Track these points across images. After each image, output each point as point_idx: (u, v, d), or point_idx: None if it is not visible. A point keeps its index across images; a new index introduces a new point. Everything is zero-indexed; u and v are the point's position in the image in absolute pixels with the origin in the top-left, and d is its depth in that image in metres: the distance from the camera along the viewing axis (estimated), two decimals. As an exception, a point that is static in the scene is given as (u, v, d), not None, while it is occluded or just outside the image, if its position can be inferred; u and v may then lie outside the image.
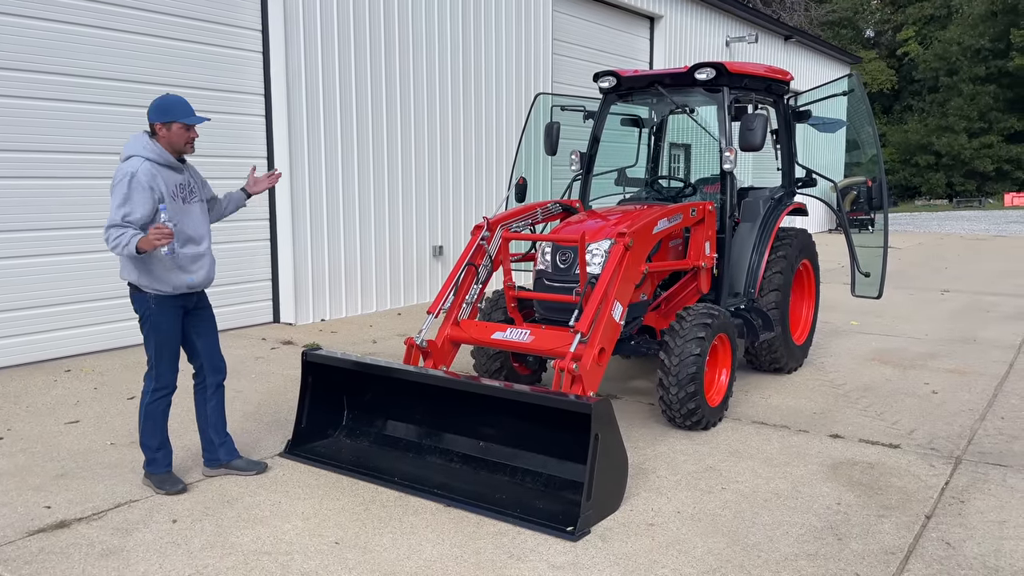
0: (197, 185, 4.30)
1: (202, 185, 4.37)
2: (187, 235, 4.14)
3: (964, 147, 42.23)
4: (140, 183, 3.92)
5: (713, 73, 5.89)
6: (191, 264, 4.17)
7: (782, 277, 6.30)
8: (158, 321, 4.12)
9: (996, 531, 3.80)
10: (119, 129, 7.31)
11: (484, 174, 11.31)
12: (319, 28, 8.73)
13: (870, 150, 7.16)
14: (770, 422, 5.44)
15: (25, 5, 6.68)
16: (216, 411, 4.43)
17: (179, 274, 4.12)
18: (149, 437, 4.23)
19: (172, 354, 4.22)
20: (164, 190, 4.01)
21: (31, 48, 6.74)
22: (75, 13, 6.99)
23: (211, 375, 4.40)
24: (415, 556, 3.52)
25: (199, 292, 4.32)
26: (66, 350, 7.15)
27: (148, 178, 3.95)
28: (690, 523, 3.86)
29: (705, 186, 6.65)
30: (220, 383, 4.44)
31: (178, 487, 4.21)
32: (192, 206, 4.21)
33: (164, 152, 4.06)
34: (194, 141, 4.17)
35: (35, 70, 6.79)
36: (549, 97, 8.17)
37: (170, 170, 4.09)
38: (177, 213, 4.08)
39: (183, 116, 4.06)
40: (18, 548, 3.58)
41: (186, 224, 4.14)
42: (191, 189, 4.22)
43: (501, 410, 4.32)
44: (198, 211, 4.25)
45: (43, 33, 6.80)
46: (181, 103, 4.11)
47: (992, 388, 6.31)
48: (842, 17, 46.88)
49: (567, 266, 5.22)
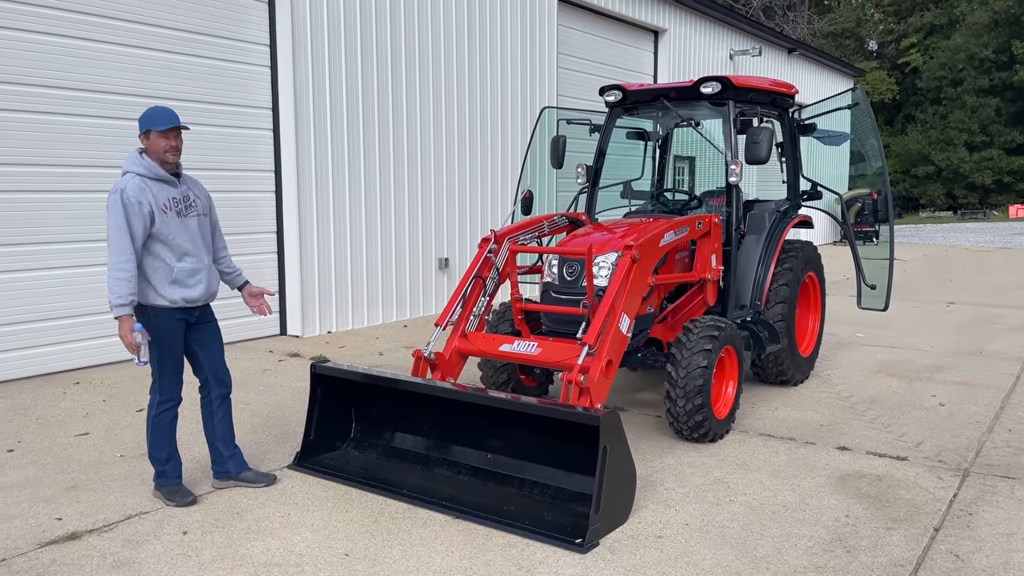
0: (199, 199, 4.26)
1: (206, 201, 4.33)
2: (183, 249, 4.12)
3: (964, 161, 42.22)
4: (129, 200, 3.92)
5: (719, 87, 5.93)
6: (188, 278, 4.14)
7: (788, 289, 6.31)
8: (159, 335, 4.09)
9: (1005, 543, 3.80)
10: (130, 143, 7.35)
11: (490, 187, 11.36)
12: (326, 43, 8.81)
13: (875, 163, 7.18)
14: (777, 434, 5.44)
15: (38, 21, 6.76)
16: (223, 423, 4.42)
17: (176, 288, 4.10)
18: (157, 449, 4.24)
19: (174, 366, 4.20)
20: (154, 204, 3.99)
21: (44, 63, 6.82)
22: (87, 29, 7.07)
23: (216, 388, 4.39)
24: (424, 568, 3.53)
25: (202, 306, 4.30)
26: (75, 363, 7.18)
27: (136, 193, 3.95)
28: (698, 535, 3.87)
29: (711, 199, 6.67)
30: (225, 395, 4.42)
31: (188, 499, 4.22)
32: (189, 220, 4.16)
33: (154, 166, 4.05)
34: (177, 150, 4.08)
35: (49, 85, 6.87)
36: (555, 111, 8.22)
37: (162, 183, 4.07)
38: (170, 227, 4.06)
39: (155, 124, 4.02)
40: (30, 560, 3.60)
41: (183, 238, 4.11)
42: (189, 203, 4.18)
43: (509, 422, 4.33)
44: (196, 225, 4.20)
45: (55, 48, 6.88)
46: (157, 112, 4.08)
47: (999, 400, 6.30)
48: (844, 29, 47.01)
49: (574, 278, 5.24)
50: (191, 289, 4.15)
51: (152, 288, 4.06)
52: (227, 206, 8.18)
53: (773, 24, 38.54)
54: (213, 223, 4.40)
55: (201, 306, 4.28)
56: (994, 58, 42.42)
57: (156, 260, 4.06)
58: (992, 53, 42.37)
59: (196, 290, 4.18)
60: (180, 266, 4.09)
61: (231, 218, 8.24)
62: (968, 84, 42.70)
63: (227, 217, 8.13)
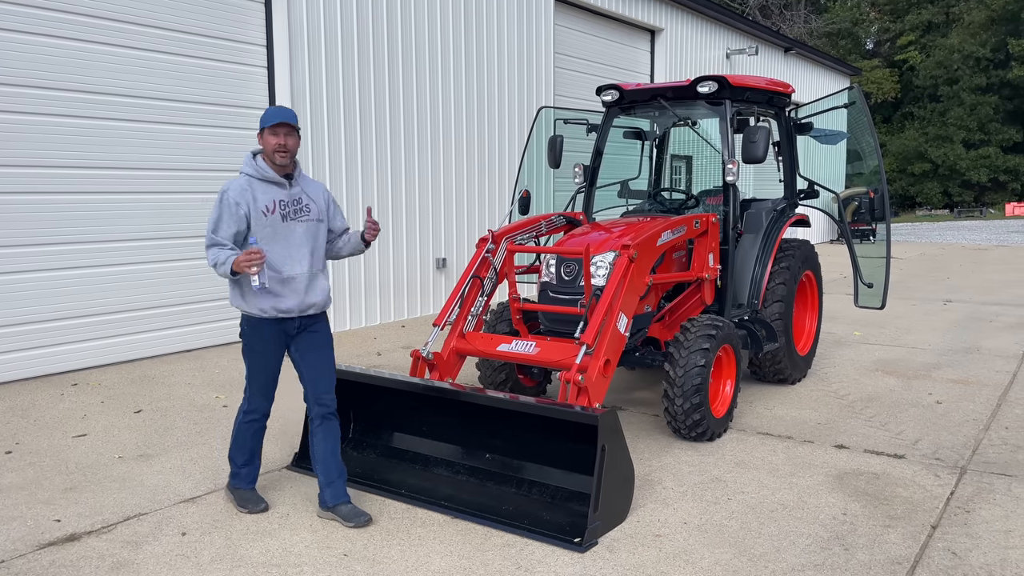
0: (313, 204, 3.96)
1: (326, 207, 4.06)
2: (279, 256, 3.84)
3: (961, 158, 42.30)
4: (228, 200, 3.76)
5: (715, 86, 5.94)
6: (280, 287, 3.85)
7: (785, 288, 6.32)
8: (250, 344, 3.91)
9: (1002, 540, 3.81)
10: (127, 144, 7.39)
11: (488, 187, 11.36)
12: (323, 43, 8.81)
13: (871, 161, 7.20)
14: (775, 433, 5.45)
15: (32, 22, 6.74)
16: (321, 446, 4.02)
17: (266, 297, 3.83)
18: (236, 452, 4.10)
19: (265, 380, 3.95)
20: (252, 205, 3.77)
21: (38, 64, 6.80)
22: (82, 30, 7.06)
23: (313, 406, 4.06)
24: (423, 568, 3.54)
25: (307, 316, 3.97)
26: (73, 364, 7.17)
27: (236, 193, 3.77)
28: (697, 534, 3.88)
29: (708, 198, 6.68)
30: (324, 416, 4.04)
31: (260, 507, 4.07)
32: (295, 225, 3.88)
33: (263, 167, 3.85)
34: (285, 148, 3.83)
35: (44, 86, 6.85)
36: (552, 110, 8.23)
37: (269, 184, 3.85)
38: (267, 232, 3.80)
39: (265, 121, 3.81)
40: (29, 561, 3.60)
41: (281, 244, 3.84)
42: (300, 207, 3.90)
43: (507, 422, 4.34)
44: (302, 231, 3.90)
45: (50, 50, 6.87)
46: (269, 110, 3.88)
47: (996, 398, 6.32)
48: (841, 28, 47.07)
49: (572, 278, 5.25)
50: (283, 299, 3.86)
51: (246, 296, 3.87)
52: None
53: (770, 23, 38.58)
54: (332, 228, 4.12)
55: (302, 317, 3.96)
56: (991, 56, 42.50)
57: None
58: (989, 51, 42.44)
59: (289, 300, 3.87)
60: (271, 274, 3.81)
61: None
62: (965, 82, 42.77)
63: (224, 218, 8.20)
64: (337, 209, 4.17)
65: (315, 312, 4.00)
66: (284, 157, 3.85)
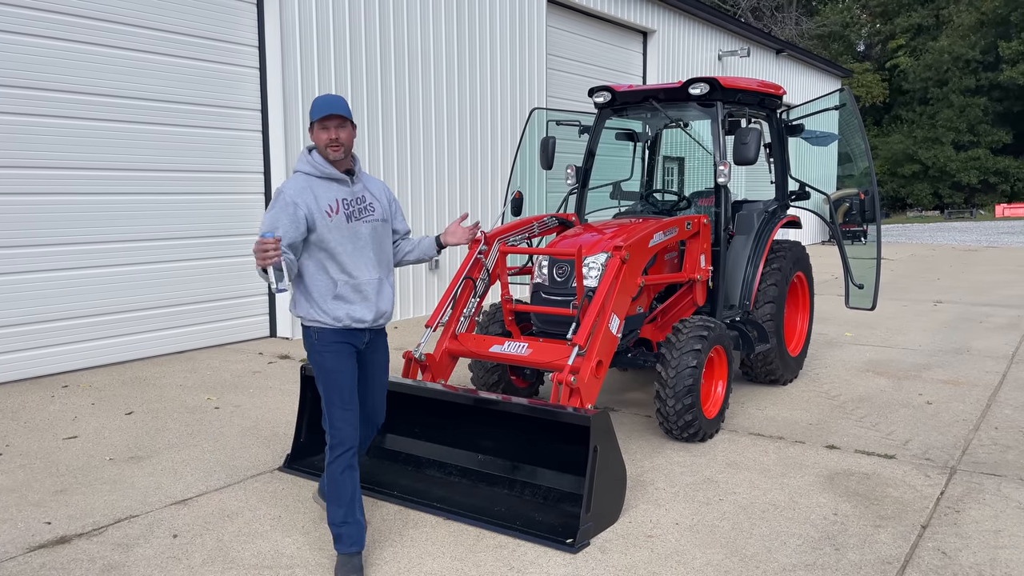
0: (376, 203, 3.66)
1: (389, 206, 3.76)
2: (351, 259, 3.52)
3: (951, 159, 42.51)
4: (284, 199, 3.41)
5: (707, 88, 5.96)
6: (353, 293, 3.52)
7: (777, 289, 6.35)
8: (322, 359, 3.49)
9: (991, 540, 3.83)
10: (113, 145, 7.35)
11: (480, 188, 11.36)
12: (315, 44, 8.79)
13: (862, 163, 7.23)
14: (766, 433, 5.47)
15: (15, 21, 6.69)
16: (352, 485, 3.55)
17: (340, 304, 3.49)
18: (333, 507, 3.50)
19: (345, 400, 3.49)
20: (314, 206, 3.43)
21: (23, 64, 6.76)
22: (67, 29, 7.00)
23: (363, 426, 3.77)
24: (415, 569, 3.54)
25: (375, 329, 3.67)
26: (63, 366, 7.14)
27: (294, 192, 3.43)
28: (688, 534, 3.89)
29: (700, 199, 6.70)
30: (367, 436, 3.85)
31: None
32: (360, 226, 3.55)
33: (322, 163, 3.52)
34: (337, 143, 3.49)
35: (27, 86, 6.80)
36: (544, 112, 8.24)
37: (330, 182, 3.53)
38: (334, 233, 3.47)
39: (313, 114, 3.48)
40: (19, 564, 3.59)
41: (351, 246, 3.52)
42: (364, 206, 3.59)
43: (500, 423, 4.34)
44: (368, 233, 3.58)
45: (34, 49, 6.82)
46: (316, 101, 3.51)
47: (986, 398, 6.36)
48: (832, 31, 47.28)
49: (564, 279, 5.25)
50: (356, 306, 3.52)
51: (314, 304, 3.50)
52: (214, 209, 8.17)
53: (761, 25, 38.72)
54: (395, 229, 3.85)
55: (372, 329, 3.65)
56: (981, 58, 42.74)
57: (318, 271, 3.49)
58: (979, 54, 42.68)
59: (363, 308, 3.54)
60: (344, 278, 3.49)
61: (218, 221, 8.24)
62: (954, 84, 43.00)
63: (214, 220, 8.19)
64: (399, 208, 3.88)
65: (385, 323, 3.70)
66: (337, 152, 3.51)
